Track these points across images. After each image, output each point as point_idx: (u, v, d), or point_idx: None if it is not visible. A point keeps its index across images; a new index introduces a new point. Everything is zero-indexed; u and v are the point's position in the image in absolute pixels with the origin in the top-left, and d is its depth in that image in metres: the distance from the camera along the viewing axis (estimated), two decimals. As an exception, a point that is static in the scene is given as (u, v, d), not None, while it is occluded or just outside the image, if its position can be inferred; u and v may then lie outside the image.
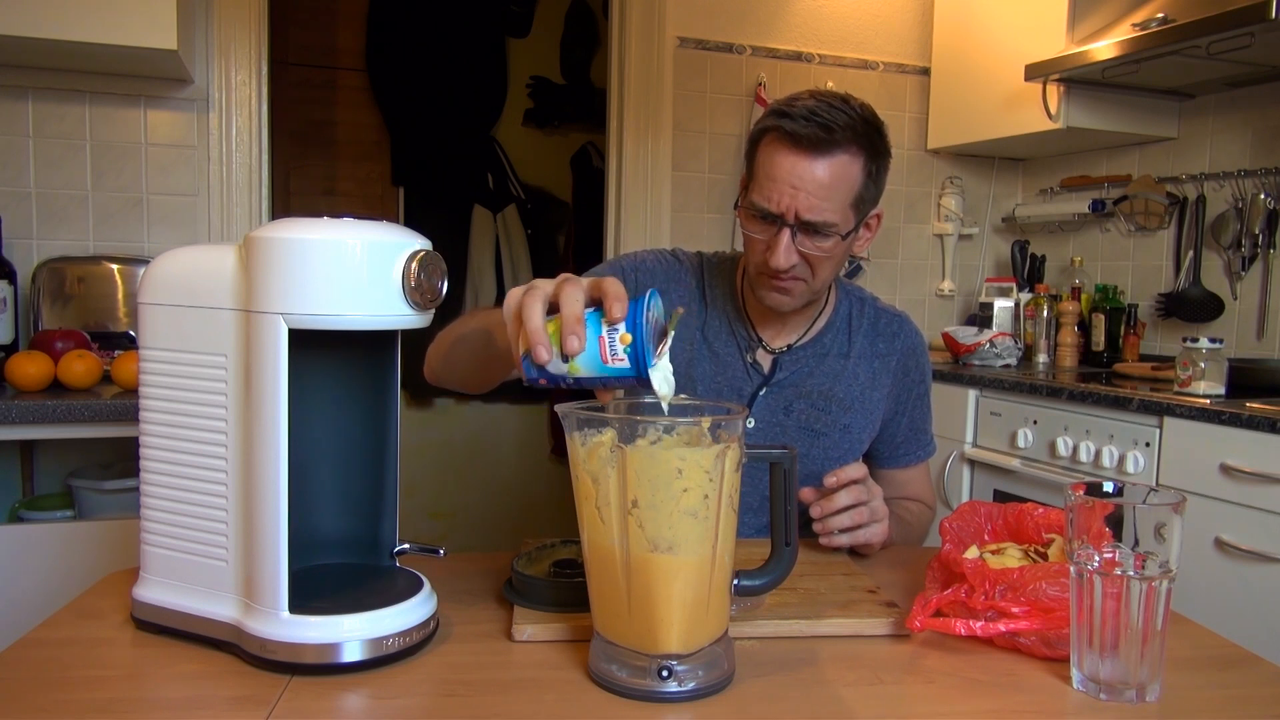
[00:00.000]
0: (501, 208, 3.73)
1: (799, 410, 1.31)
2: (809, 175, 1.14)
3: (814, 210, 1.15)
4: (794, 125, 1.13)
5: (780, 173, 1.15)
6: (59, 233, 2.34)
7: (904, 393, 1.38)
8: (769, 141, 1.17)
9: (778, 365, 1.32)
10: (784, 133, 1.14)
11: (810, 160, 1.14)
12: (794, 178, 1.14)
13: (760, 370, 1.32)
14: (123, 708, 0.74)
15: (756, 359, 1.32)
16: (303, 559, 0.87)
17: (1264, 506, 1.78)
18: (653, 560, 0.74)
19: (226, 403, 0.80)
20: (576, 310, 0.77)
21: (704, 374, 1.30)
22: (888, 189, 1.30)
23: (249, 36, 2.44)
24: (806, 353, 1.33)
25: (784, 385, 1.31)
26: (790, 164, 1.14)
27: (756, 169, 1.19)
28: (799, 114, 1.14)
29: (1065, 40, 2.50)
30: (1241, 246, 2.51)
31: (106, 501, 2.12)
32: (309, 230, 0.77)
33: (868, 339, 1.36)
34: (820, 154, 1.14)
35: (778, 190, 1.15)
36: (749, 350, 1.32)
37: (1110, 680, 0.77)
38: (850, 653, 0.87)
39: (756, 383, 1.31)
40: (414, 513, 3.74)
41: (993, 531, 1.01)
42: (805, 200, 1.14)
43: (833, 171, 1.15)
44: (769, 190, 1.16)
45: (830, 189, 1.15)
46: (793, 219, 1.16)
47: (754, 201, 1.18)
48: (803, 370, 1.32)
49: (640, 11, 2.82)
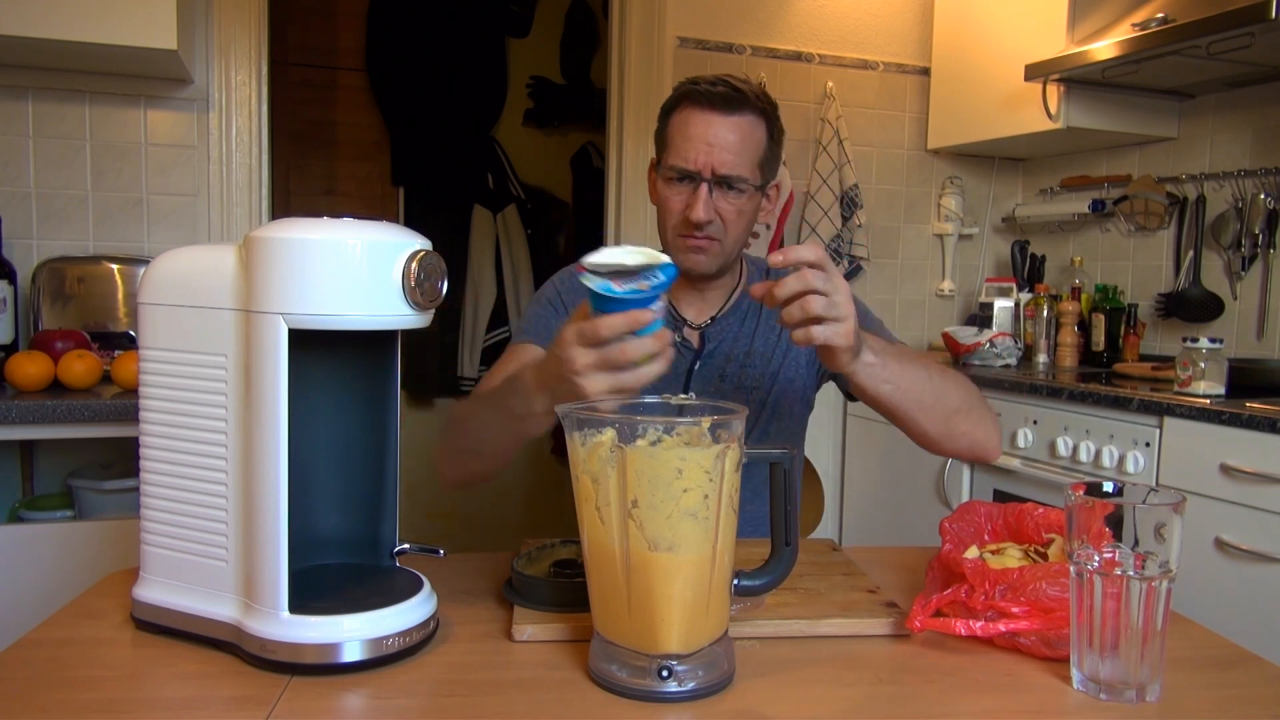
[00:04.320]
0: (501, 208, 3.73)
1: (731, 374, 1.37)
2: (723, 132, 1.24)
3: (728, 165, 1.24)
4: (705, 89, 1.24)
5: (696, 132, 1.24)
6: (59, 233, 2.34)
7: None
8: (680, 109, 1.27)
9: (705, 338, 1.38)
10: (698, 96, 1.24)
11: (723, 117, 1.24)
12: (710, 135, 1.23)
13: (691, 346, 1.38)
14: (123, 708, 0.74)
15: (685, 336, 1.38)
16: (303, 559, 0.87)
17: (1264, 506, 1.78)
18: (653, 560, 0.74)
19: (226, 403, 0.81)
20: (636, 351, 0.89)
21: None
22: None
23: (249, 36, 2.44)
24: (729, 320, 1.40)
25: (715, 355, 1.38)
26: (705, 122, 1.24)
27: (670, 136, 1.28)
28: (707, 83, 1.25)
29: (1065, 40, 2.50)
30: (1241, 246, 2.51)
31: (106, 501, 2.12)
32: (309, 230, 0.77)
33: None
34: (731, 112, 1.24)
35: (694, 149, 1.24)
36: (676, 329, 1.37)
37: (1110, 680, 0.77)
38: (850, 653, 0.87)
39: (689, 358, 1.37)
40: (414, 513, 3.74)
41: (993, 531, 1.01)
42: (720, 155, 1.24)
43: (742, 130, 1.24)
44: (685, 150, 1.25)
45: (741, 145, 1.24)
46: (709, 174, 1.24)
47: (672, 165, 1.26)
48: (729, 337, 1.39)
49: (640, 11, 2.82)
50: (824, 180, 2.93)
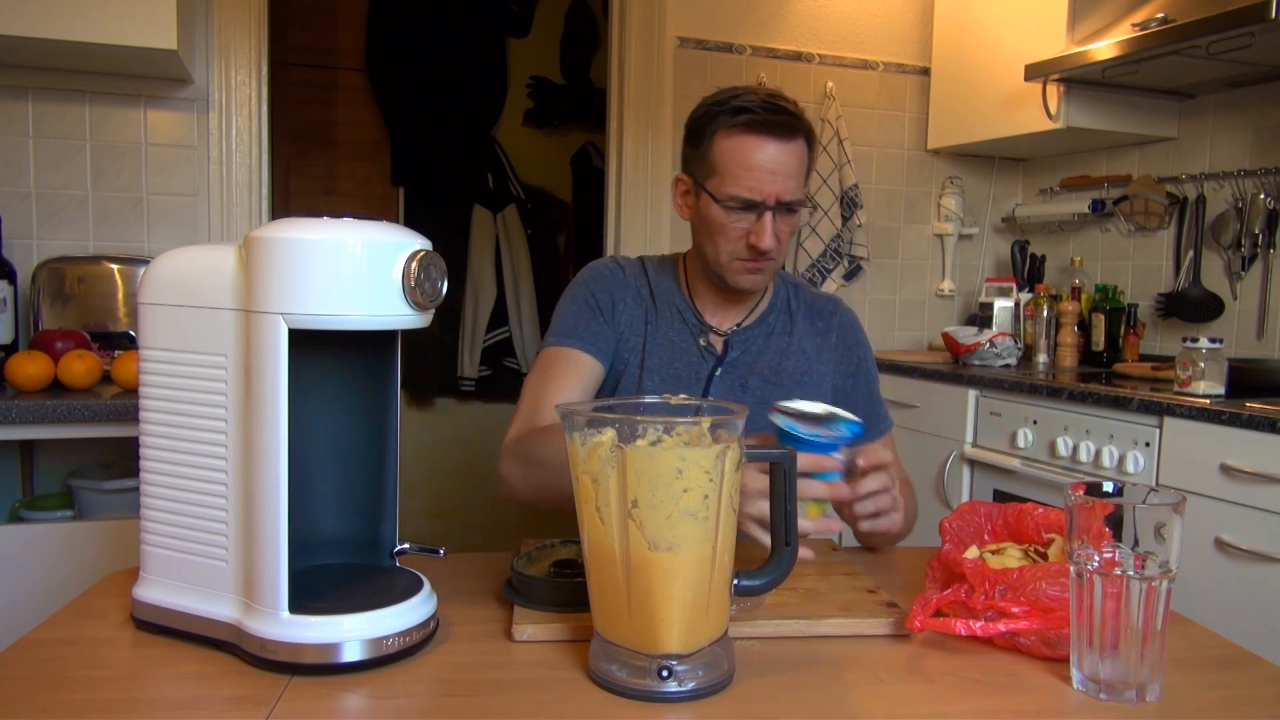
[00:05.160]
0: (501, 208, 3.73)
1: (754, 386, 1.36)
2: (785, 160, 1.23)
3: (790, 191, 1.25)
4: (761, 117, 1.22)
5: (759, 161, 1.23)
6: (59, 233, 2.34)
7: (850, 365, 1.43)
8: (734, 133, 1.24)
9: (729, 345, 1.38)
10: (752, 124, 1.22)
11: (784, 145, 1.23)
12: (775, 164, 1.23)
13: (713, 352, 1.38)
14: (123, 708, 0.74)
15: (709, 342, 1.38)
16: (303, 559, 0.87)
17: (1264, 506, 1.78)
18: (653, 560, 0.74)
19: (226, 403, 0.80)
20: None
21: (658, 364, 1.36)
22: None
23: (249, 36, 2.44)
24: (754, 332, 1.40)
25: (737, 364, 1.37)
26: (769, 152, 1.23)
27: (724, 163, 1.25)
28: (757, 106, 1.22)
29: (1065, 40, 2.50)
30: (1241, 246, 2.51)
31: (106, 501, 2.12)
32: (309, 230, 0.77)
33: (807, 318, 1.43)
34: (791, 139, 1.24)
35: (759, 178, 1.23)
36: (700, 335, 1.38)
37: (1110, 680, 0.77)
38: (850, 653, 0.87)
39: (711, 364, 1.37)
40: (414, 513, 3.74)
41: (993, 531, 1.01)
42: (783, 184, 1.24)
43: (799, 155, 1.25)
44: (749, 180, 1.23)
45: (799, 169, 1.26)
46: (773, 203, 1.24)
47: (732, 194, 1.24)
48: (753, 348, 1.39)
49: (640, 11, 2.82)
50: (824, 180, 2.93)
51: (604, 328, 1.35)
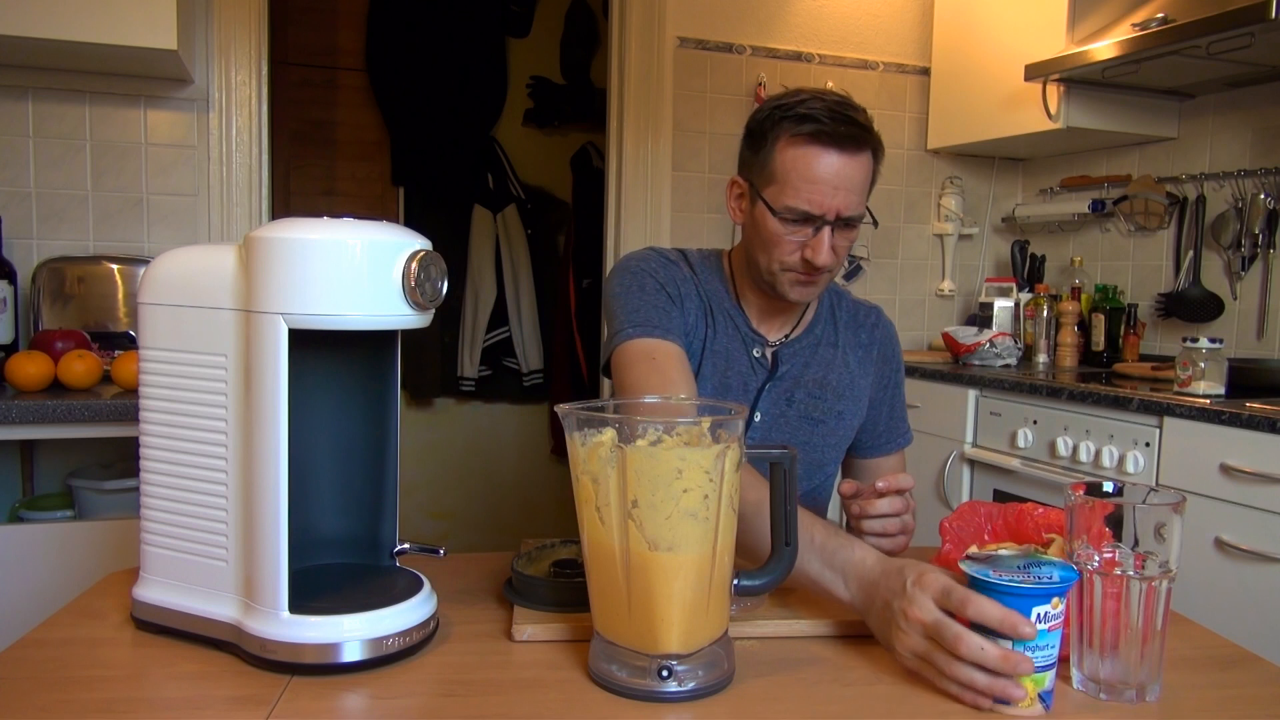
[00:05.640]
0: (501, 208, 3.73)
1: (799, 400, 1.33)
2: (849, 174, 1.17)
3: (852, 207, 1.19)
4: (827, 127, 1.15)
5: (821, 174, 1.16)
6: (59, 233, 2.34)
7: (885, 380, 1.42)
8: (798, 144, 1.17)
9: (779, 359, 1.34)
10: (818, 134, 1.16)
11: (849, 159, 1.17)
12: (838, 178, 1.17)
13: (765, 365, 1.33)
14: (123, 708, 0.74)
15: (763, 354, 1.33)
16: (303, 559, 0.87)
17: (1264, 506, 1.78)
18: (653, 560, 0.74)
19: (226, 403, 0.81)
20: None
21: (711, 371, 1.30)
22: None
23: (249, 36, 2.44)
24: (802, 344, 1.36)
25: (786, 378, 1.33)
26: (833, 165, 1.16)
27: (785, 172, 1.18)
28: (823, 115, 1.15)
29: (1065, 40, 2.50)
30: (1241, 246, 2.50)
31: (106, 501, 2.12)
32: (309, 230, 0.77)
33: (850, 330, 1.40)
34: (857, 152, 1.18)
35: (820, 192, 1.17)
36: (754, 346, 1.33)
37: (1110, 680, 0.77)
38: (850, 653, 0.87)
39: (762, 377, 1.33)
40: (414, 513, 3.74)
41: (993, 531, 1.01)
42: (845, 198, 1.18)
43: (864, 169, 1.20)
44: (809, 192, 1.17)
45: (863, 184, 1.20)
46: (833, 217, 1.18)
47: (791, 205, 1.18)
48: (800, 361, 1.35)
49: (640, 11, 2.82)
50: (824, 180, 2.93)
51: (680, 319, 1.27)
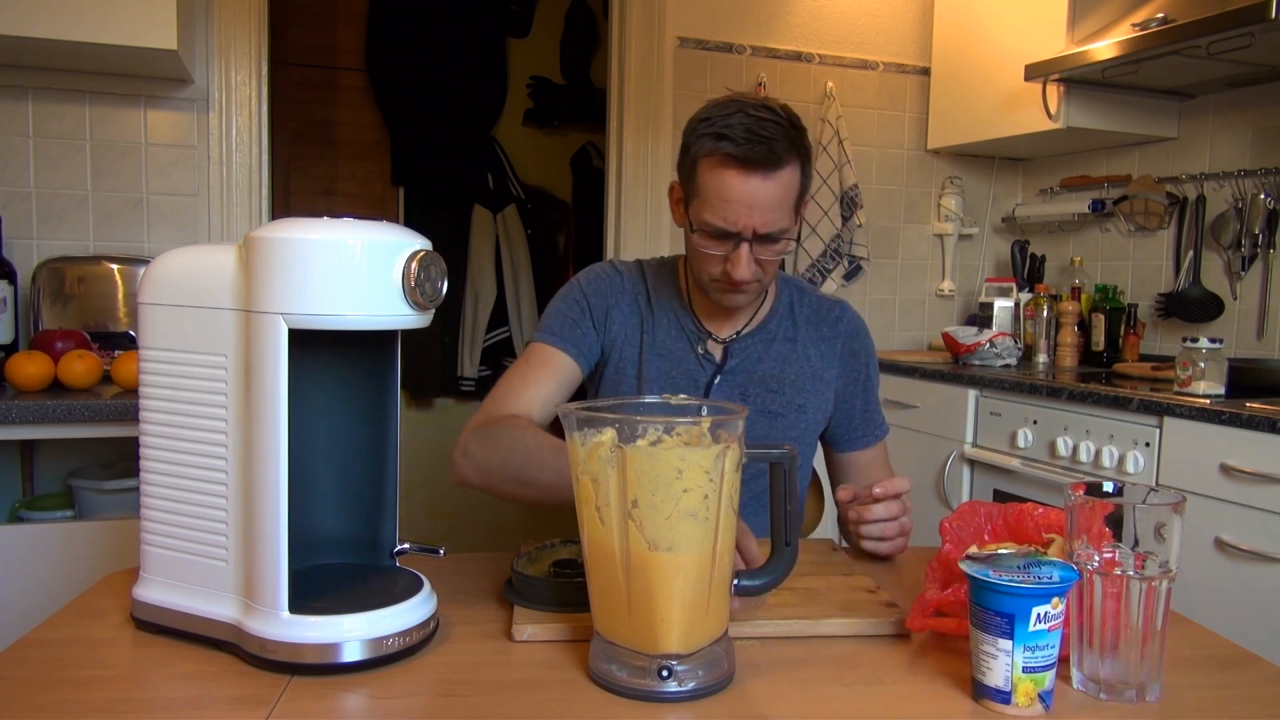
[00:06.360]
0: (501, 208, 3.73)
1: (755, 395, 1.35)
2: (762, 193, 1.16)
3: (769, 224, 1.18)
4: (740, 149, 1.14)
5: (733, 194, 1.17)
6: (59, 233, 2.34)
7: (853, 373, 1.42)
8: (714, 164, 1.18)
9: (729, 353, 1.36)
10: (730, 156, 1.15)
11: (761, 179, 1.16)
12: (749, 198, 1.16)
13: (712, 359, 1.36)
14: (123, 708, 0.74)
15: (708, 350, 1.36)
16: (303, 559, 0.87)
17: (1264, 506, 1.78)
18: (653, 560, 0.74)
19: (226, 403, 0.81)
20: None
21: (655, 373, 1.34)
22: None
23: (249, 36, 2.44)
24: (754, 339, 1.37)
25: (737, 372, 1.36)
26: (743, 186, 1.16)
27: (704, 189, 1.20)
28: (739, 135, 1.15)
29: (1065, 40, 2.50)
30: (1241, 246, 2.50)
31: (106, 501, 2.12)
32: (309, 230, 0.77)
33: (812, 324, 1.41)
34: (770, 172, 1.16)
35: (733, 211, 1.17)
36: (699, 343, 1.36)
37: (1110, 680, 0.77)
38: (850, 653, 0.87)
39: (710, 371, 1.35)
40: (414, 513, 3.74)
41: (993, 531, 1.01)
42: (761, 217, 1.17)
43: (782, 184, 1.18)
44: (724, 211, 1.18)
45: (781, 200, 1.18)
46: (750, 235, 1.19)
47: (708, 221, 1.19)
48: (753, 356, 1.36)
49: (640, 11, 2.82)
50: (824, 180, 2.93)
51: (590, 332, 1.34)
